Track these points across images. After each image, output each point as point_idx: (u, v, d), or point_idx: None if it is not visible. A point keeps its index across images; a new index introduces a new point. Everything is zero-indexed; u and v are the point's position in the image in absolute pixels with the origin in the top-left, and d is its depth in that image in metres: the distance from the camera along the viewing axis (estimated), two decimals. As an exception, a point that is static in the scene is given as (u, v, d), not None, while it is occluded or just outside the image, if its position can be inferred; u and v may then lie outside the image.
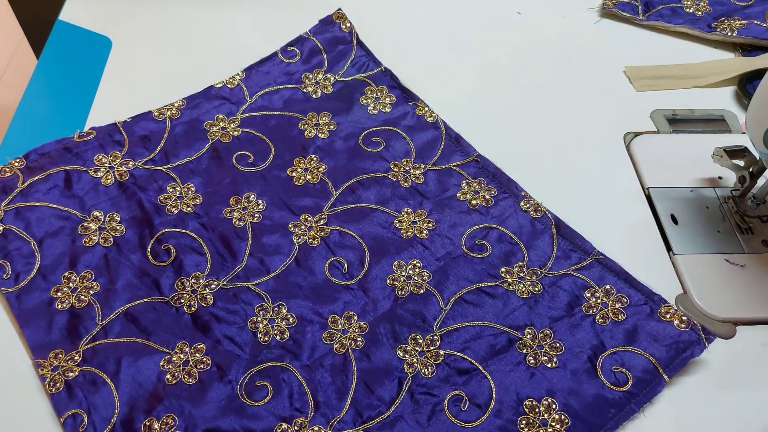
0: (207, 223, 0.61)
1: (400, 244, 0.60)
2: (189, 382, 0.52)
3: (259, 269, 0.58)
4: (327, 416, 0.51)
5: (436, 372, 0.53)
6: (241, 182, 0.64)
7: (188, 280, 0.57)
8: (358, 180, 0.65)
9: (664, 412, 0.52)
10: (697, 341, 0.53)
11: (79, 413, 0.50)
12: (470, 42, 0.80)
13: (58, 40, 0.77)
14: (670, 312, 0.55)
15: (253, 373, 0.53)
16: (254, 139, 0.67)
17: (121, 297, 0.56)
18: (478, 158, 0.66)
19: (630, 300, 0.56)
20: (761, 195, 0.61)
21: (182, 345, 0.54)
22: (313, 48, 0.75)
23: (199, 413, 0.51)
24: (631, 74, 0.77)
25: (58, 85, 0.73)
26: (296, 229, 0.61)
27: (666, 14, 0.82)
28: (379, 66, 0.74)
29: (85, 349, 0.53)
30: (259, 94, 0.71)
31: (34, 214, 0.60)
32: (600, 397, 0.51)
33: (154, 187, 0.63)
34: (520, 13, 0.84)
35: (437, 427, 0.51)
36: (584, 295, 0.57)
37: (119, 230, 0.60)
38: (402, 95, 0.72)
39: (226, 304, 0.56)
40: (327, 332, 0.55)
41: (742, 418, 0.52)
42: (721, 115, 0.72)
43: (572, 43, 0.80)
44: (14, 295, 0.55)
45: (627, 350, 0.53)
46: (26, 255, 0.58)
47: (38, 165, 0.63)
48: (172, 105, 0.69)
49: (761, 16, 0.80)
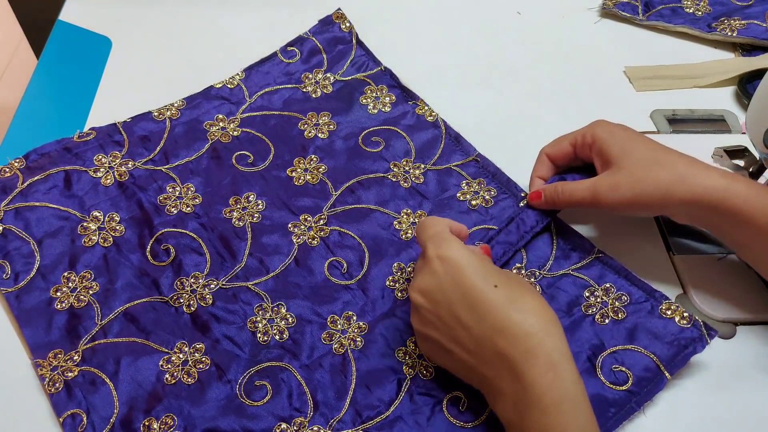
0: (206, 223, 0.61)
1: (399, 246, 0.60)
2: (188, 381, 0.52)
3: (259, 269, 0.58)
4: (326, 416, 0.51)
5: (435, 373, 0.53)
6: (241, 182, 0.64)
7: (187, 279, 0.57)
8: (358, 180, 0.65)
9: (664, 412, 0.52)
10: (699, 338, 0.53)
11: (79, 413, 0.50)
12: (470, 41, 0.80)
13: (58, 40, 0.77)
14: (672, 308, 0.55)
15: (253, 372, 0.53)
16: (254, 139, 0.67)
17: (120, 297, 0.56)
18: (478, 158, 0.66)
19: (630, 298, 0.56)
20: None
21: (181, 345, 0.54)
22: (312, 48, 0.75)
23: (199, 413, 0.51)
24: (631, 74, 0.77)
25: (58, 85, 0.73)
26: (296, 229, 0.61)
27: (666, 14, 0.82)
28: (379, 65, 0.74)
29: (84, 349, 0.53)
30: (258, 94, 0.71)
31: (34, 214, 0.60)
32: (600, 396, 0.51)
33: (154, 187, 0.63)
34: (520, 13, 0.84)
35: (436, 427, 0.51)
36: (583, 295, 0.57)
37: (119, 230, 0.60)
38: (402, 94, 0.72)
39: (225, 304, 0.56)
40: (326, 332, 0.55)
41: (742, 418, 0.52)
42: (721, 115, 0.72)
43: (572, 43, 0.80)
44: (14, 295, 0.56)
45: (627, 349, 0.53)
46: (26, 255, 0.58)
47: (38, 165, 0.63)
48: (172, 105, 0.69)
49: (761, 16, 0.80)
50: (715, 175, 0.52)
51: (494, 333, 0.46)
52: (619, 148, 0.55)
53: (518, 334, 0.45)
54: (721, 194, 0.51)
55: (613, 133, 0.56)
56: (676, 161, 0.53)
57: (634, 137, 0.56)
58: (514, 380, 0.45)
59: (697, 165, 0.53)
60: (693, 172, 0.52)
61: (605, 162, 0.56)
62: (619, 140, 0.55)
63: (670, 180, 0.52)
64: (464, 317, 0.47)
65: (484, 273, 0.48)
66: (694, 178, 0.52)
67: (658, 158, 0.54)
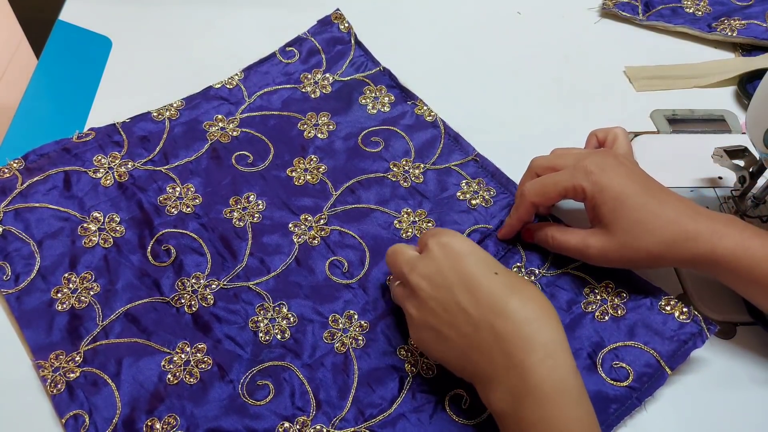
0: (207, 223, 0.61)
1: (400, 244, 0.60)
2: (190, 381, 0.52)
3: (260, 269, 0.58)
4: (329, 415, 0.51)
5: (437, 371, 0.53)
6: (241, 182, 0.64)
7: (188, 280, 0.57)
8: (358, 180, 0.65)
9: (664, 412, 0.52)
10: (699, 332, 0.53)
11: (81, 414, 0.50)
12: (470, 41, 0.80)
13: (58, 40, 0.77)
14: (671, 304, 0.55)
15: (255, 372, 0.53)
16: (253, 139, 0.67)
17: (121, 297, 0.56)
18: (477, 157, 0.66)
19: (629, 294, 0.56)
20: (761, 195, 0.61)
21: (183, 345, 0.54)
22: (311, 48, 0.75)
23: (201, 413, 0.51)
24: (631, 74, 0.77)
25: (58, 85, 0.73)
26: (296, 228, 0.61)
27: (666, 14, 0.82)
28: (378, 66, 0.74)
29: (85, 349, 0.53)
30: (258, 94, 0.71)
31: (34, 215, 0.60)
32: (601, 393, 0.51)
33: (154, 187, 0.63)
34: (521, 13, 0.84)
35: (438, 425, 0.51)
36: (583, 292, 0.57)
37: (119, 231, 0.60)
38: (401, 94, 0.72)
39: (226, 304, 0.56)
40: (328, 331, 0.55)
41: (742, 417, 0.52)
42: (721, 115, 0.72)
43: (572, 43, 0.80)
44: (14, 297, 0.55)
45: (627, 345, 0.53)
46: (26, 256, 0.58)
47: (37, 166, 0.63)
48: (171, 105, 0.69)
49: (761, 16, 0.80)
50: (703, 238, 0.50)
51: (493, 316, 0.46)
52: (609, 209, 0.53)
53: (517, 319, 0.45)
54: (709, 258, 0.50)
55: (603, 191, 0.53)
56: (663, 227, 0.51)
57: (626, 192, 0.53)
58: (510, 367, 0.44)
59: (685, 225, 0.51)
60: (681, 237, 0.51)
61: (596, 219, 0.55)
62: (609, 199, 0.53)
63: (657, 249, 0.51)
64: (463, 300, 0.47)
65: (485, 261, 0.48)
66: (681, 246, 0.51)
67: (647, 222, 0.52)
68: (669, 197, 0.53)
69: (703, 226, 0.51)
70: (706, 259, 0.51)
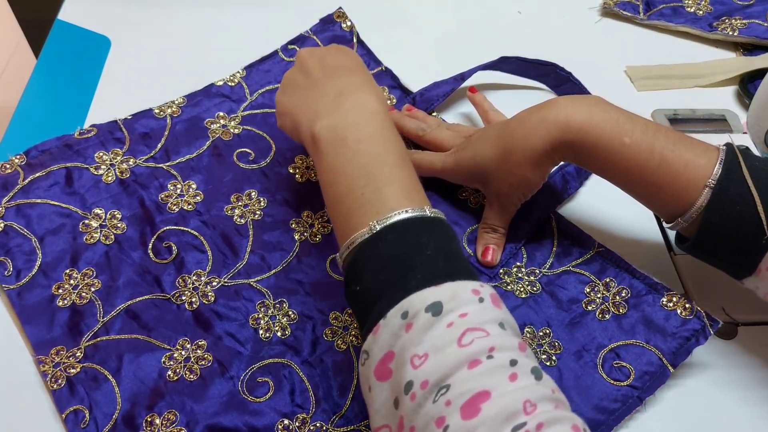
0: (208, 220, 0.61)
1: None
2: (190, 378, 0.52)
3: (261, 266, 0.58)
4: (328, 412, 0.51)
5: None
6: (242, 179, 0.64)
7: (189, 277, 0.57)
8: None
9: (664, 412, 0.52)
10: (702, 329, 0.53)
11: (81, 409, 0.50)
12: (470, 41, 0.80)
13: (57, 40, 0.77)
14: (673, 300, 0.55)
15: (255, 369, 0.53)
16: (255, 137, 0.67)
17: (122, 294, 0.56)
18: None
19: (631, 291, 0.56)
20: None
21: (183, 341, 0.54)
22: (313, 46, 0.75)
23: (201, 409, 0.51)
24: (632, 74, 0.77)
25: (57, 85, 0.73)
26: (297, 226, 0.61)
27: (667, 14, 0.82)
28: (380, 65, 0.74)
29: (86, 345, 0.53)
30: (259, 92, 0.71)
31: (35, 211, 0.60)
32: (603, 393, 0.51)
33: (155, 184, 0.63)
34: (521, 13, 0.84)
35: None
36: (584, 291, 0.57)
37: (120, 228, 0.60)
38: (402, 95, 0.72)
39: (227, 301, 0.56)
40: (328, 328, 0.55)
41: (742, 418, 0.52)
42: (722, 115, 0.72)
43: (572, 43, 0.80)
44: (15, 292, 0.55)
45: (629, 344, 0.53)
46: (27, 252, 0.58)
47: (39, 162, 0.63)
48: (173, 102, 0.69)
49: (762, 16, 0.80)
50: (551, 114, 0.53)
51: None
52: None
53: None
54: (560, 139, 0.52)
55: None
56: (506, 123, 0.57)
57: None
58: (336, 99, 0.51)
59: (531, 112, 0.56)
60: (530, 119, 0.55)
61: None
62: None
63: (501, 144, 0.56)
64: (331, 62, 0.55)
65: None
66: (531, 126, 0.54)
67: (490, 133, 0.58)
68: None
69: (553, 109, 0.53)
70: (548, 143, 0.53)
